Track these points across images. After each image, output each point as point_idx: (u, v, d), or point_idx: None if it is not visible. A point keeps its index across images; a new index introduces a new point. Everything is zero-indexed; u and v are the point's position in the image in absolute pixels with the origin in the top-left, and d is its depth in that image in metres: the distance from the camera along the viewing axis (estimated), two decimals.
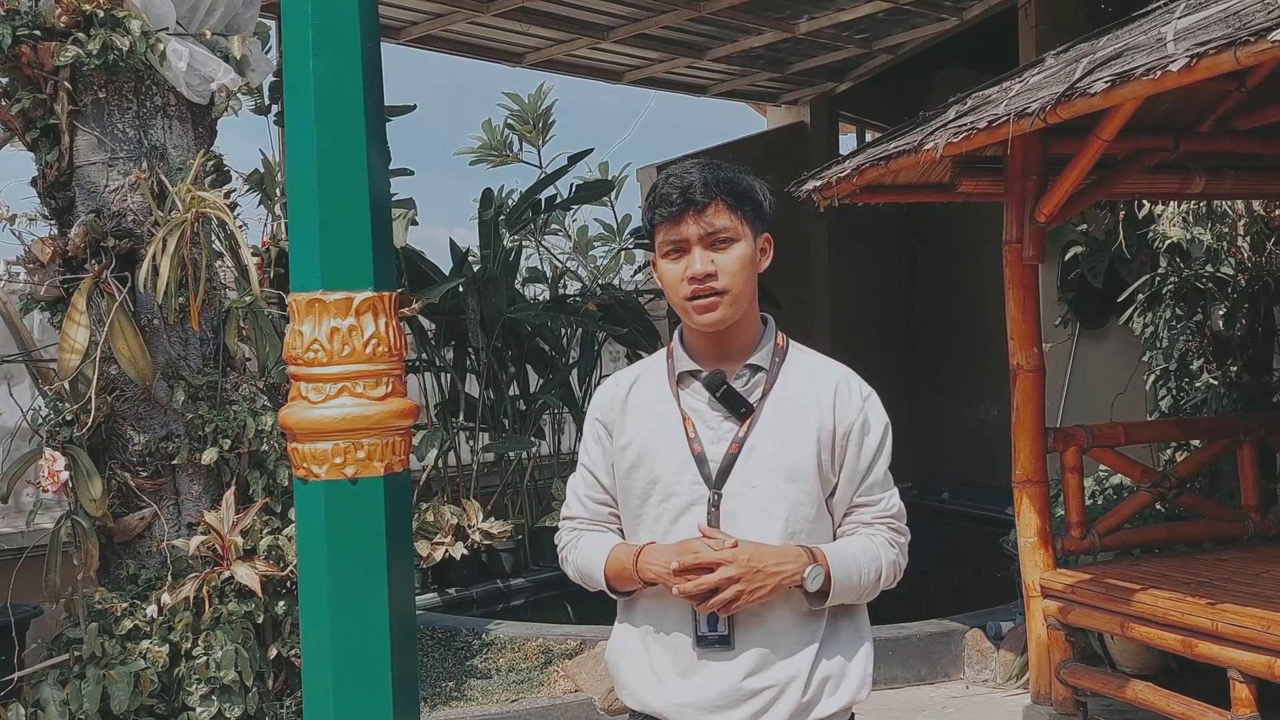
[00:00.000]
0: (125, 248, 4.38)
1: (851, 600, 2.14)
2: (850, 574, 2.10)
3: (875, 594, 2.18)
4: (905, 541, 2.22)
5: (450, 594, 7.03)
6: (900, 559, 2.20)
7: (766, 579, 2.02)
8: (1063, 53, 4.55)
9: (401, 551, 2.59)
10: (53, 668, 4.28)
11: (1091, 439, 5.00)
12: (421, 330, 7.65)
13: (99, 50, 4.25)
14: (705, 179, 2.10)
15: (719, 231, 2.10)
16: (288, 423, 2.53)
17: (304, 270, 2.52)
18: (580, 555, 2.25)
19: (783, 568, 2.03)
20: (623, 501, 2.23)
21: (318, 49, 2.48)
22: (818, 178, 5.08)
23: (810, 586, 2.05)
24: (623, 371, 2.33)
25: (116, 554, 4.48)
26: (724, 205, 2.10)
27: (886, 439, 2.19)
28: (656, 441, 2.17)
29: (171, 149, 4.55)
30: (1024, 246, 4.81)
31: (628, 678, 2.21)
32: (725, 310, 2.11)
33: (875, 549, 2.15)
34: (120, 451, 4.45)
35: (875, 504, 2.19)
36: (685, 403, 2.17)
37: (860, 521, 2.19)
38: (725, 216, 2.11)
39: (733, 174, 2.14)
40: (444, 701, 5.08)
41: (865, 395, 2.18)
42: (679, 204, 2.09)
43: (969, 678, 5.67)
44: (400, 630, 2.53)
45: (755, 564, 2.02)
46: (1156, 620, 4.25)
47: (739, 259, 2.11)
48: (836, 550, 2.12)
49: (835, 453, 2.14)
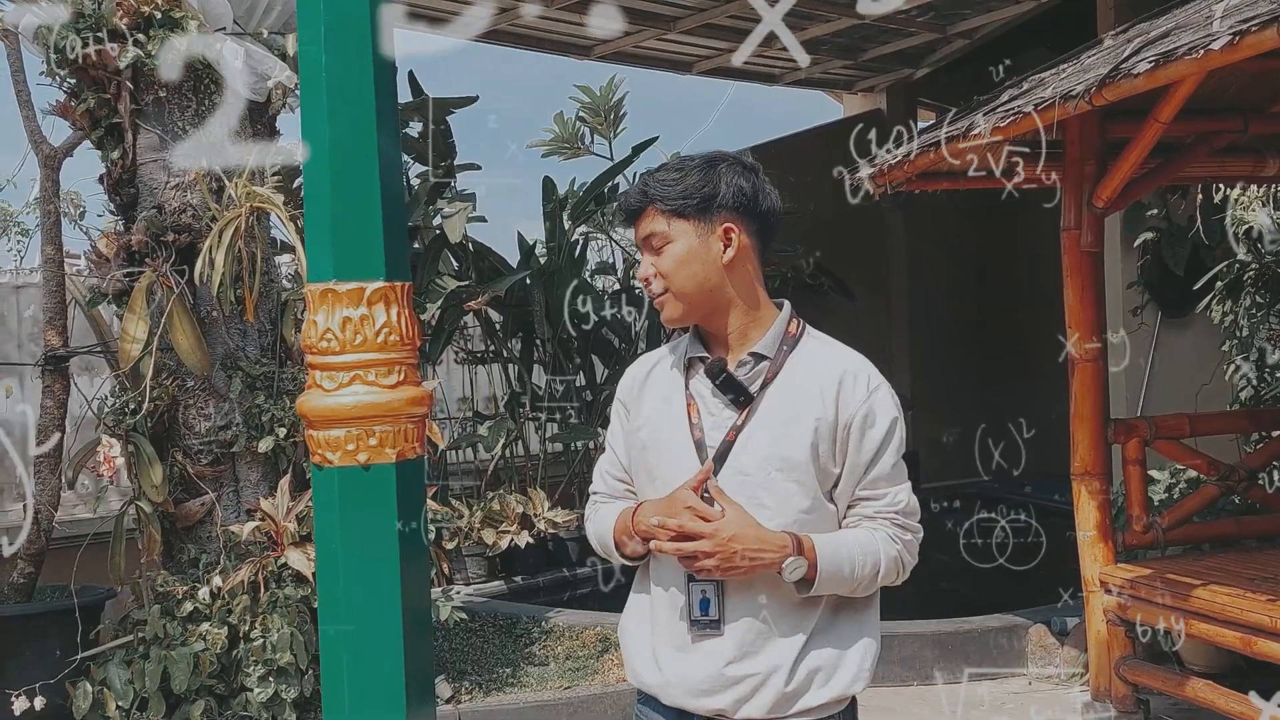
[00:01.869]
0: (184, 242, 4.51)
1: (844, 593, 2.11)
2: (840, 566, 2.07)
3: (873, 588, 2.15)
4: (912, 539, 2.17)
5: (517, 582, 7.10)
6: (905, 556, 2.16)
7: (740, 560, 2.02)
8: (1122, 33, 4.44)
9: (414, 538, 2.64)
10: (119, 648, 4.44)
11: (1155, 431, 4.87)
12: (490, 322, 7.73)
13: (158, 51, 4.38)
14: (641, 187, 2.20)
15: (651, 237, 2.18)
16: (304, 410, 2.58)
17: (318, 261, 2.56)
18: (597, 524, 2.32)
19: (761, 555, 2.03)
20: (635, 480, 2.27)
21: (329, 43, 2.52)
22: (871, 165, 5.03)
23: (788, 577, 2.04)
24: (649, 354, 2.35)
25: (178, 539, 4.63)
26: (656, 211, 2.17)
27: (894, 433, 2.14)
28: (664, 425, 2.19)
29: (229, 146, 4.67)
30: (1082, 233, 4.71)
31: (630, 655, 2.26)
32: (672, 308, 2.17)
33: (874, 543, 2.12)
34: (181, 439, 4.58)
35: (880, 498, 2.15)
36: (693, 388, 2.19)
37: (863, 515, 2.16)
38: (658, 221, 2.17)
39: (675, 176, 2.17)
40: (499, 687, 5.15)
41: (873, 387, 2.14)
42: (624, 214, 2.24)
43: (1032, 673, 5.57)
44: (413, 618, 2.57)
45: (734, 545, 2.02)
46: (1216, 617, 4.13)
47: (673, 259, 2.16)
48: (829, 542, 2.09)
49: (836, 445, 2.11)
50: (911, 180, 5.02)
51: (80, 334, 5.71)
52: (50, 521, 5.00)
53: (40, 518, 4.88)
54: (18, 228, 14.50)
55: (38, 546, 5.13)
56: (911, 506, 2.18)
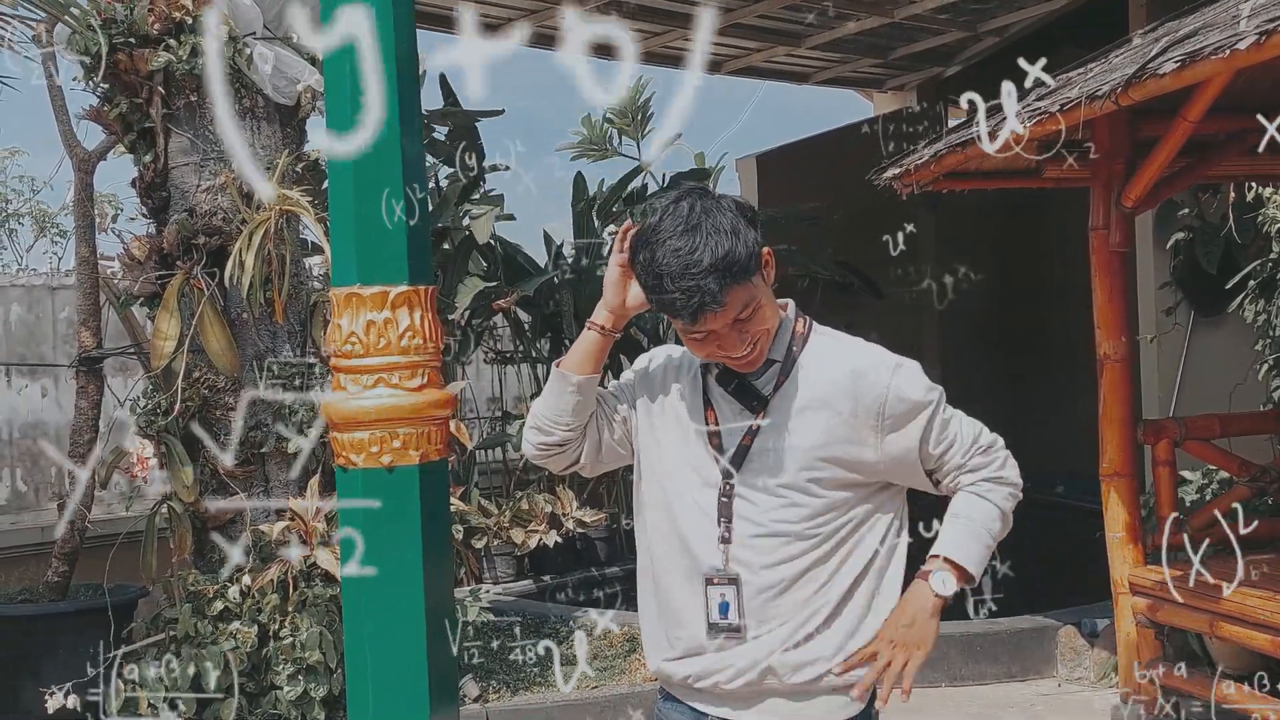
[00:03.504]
0: (215, 245, 4.56)
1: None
2: (979, 549, 2.14)
3: (1009, 527, 2.20)
4: (1001, 458, 2.19)
5: (545, 581, 7.14)
6: (1009, 484, 2.19)
7: (912, 640, 2.12)
8: (1150, 31, 4.41)
9: (438, 540, 2.66)
10: (151, 646, 4.50)
11: (1185, 431, 4.83)
12: (518, 322, 7.77)
13: (189, 55, 4.43)
14: (714, 276, 1.98)
15: (743, 311, 2.04)
16: (328, 412, 2.61)
17: (342, 265, 2.60)
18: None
19: (918, 619, 2.12)
20: (639, 453, 2.25)
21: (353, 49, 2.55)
22: (897, 165, 5.01)
23: (946, 592, 2.11)
24: (674, 349, 2.32)
25: (209, 538, 4.68)
26: (737, 287, 2.02)
27: (930, 399, 2.11)
28: (680, 424, 2.19)
29: (259, 149, 4.72)
30: (1110, 232, 4.67)
31: (646, 643, 2.30)
32: (764, 353, 2.12)
33: (984, 503, 2.16)
34: (212, 440, 4.63)
35: (955, 456, 2.16)
36: (711, 391, 2.19)
37: (956, 475, 2.17)
38: (742, 294, 2.03)
39: (729, 244, 2.01)
40: (526, 686, 5.18)
41: (893, 370, 2.11)
42: (696, 312, 2.01)
43: (1062, 675, 5.54)
44: (436, 620, 2.59)
45: (894, 636, 2.11)
46: (1246, 619, 4.10)
47: (763, 314, 2.07)
48: (957, 538, 2.14)
49: (866, 432, 2.09)
50: (939, 180, 5.01)
51: (114, 335, 5.80)
52: (84, 521, 5.08)
53: (75, 517, 4.96)
54: (55, 229, 14.70)
55: (72, 545, 5.21)
56: (981, 432, 2.19)
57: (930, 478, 2.17)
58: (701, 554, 2.12)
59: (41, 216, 14.73)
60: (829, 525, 2.09)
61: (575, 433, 2.22)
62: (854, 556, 2.11)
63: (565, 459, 2.26)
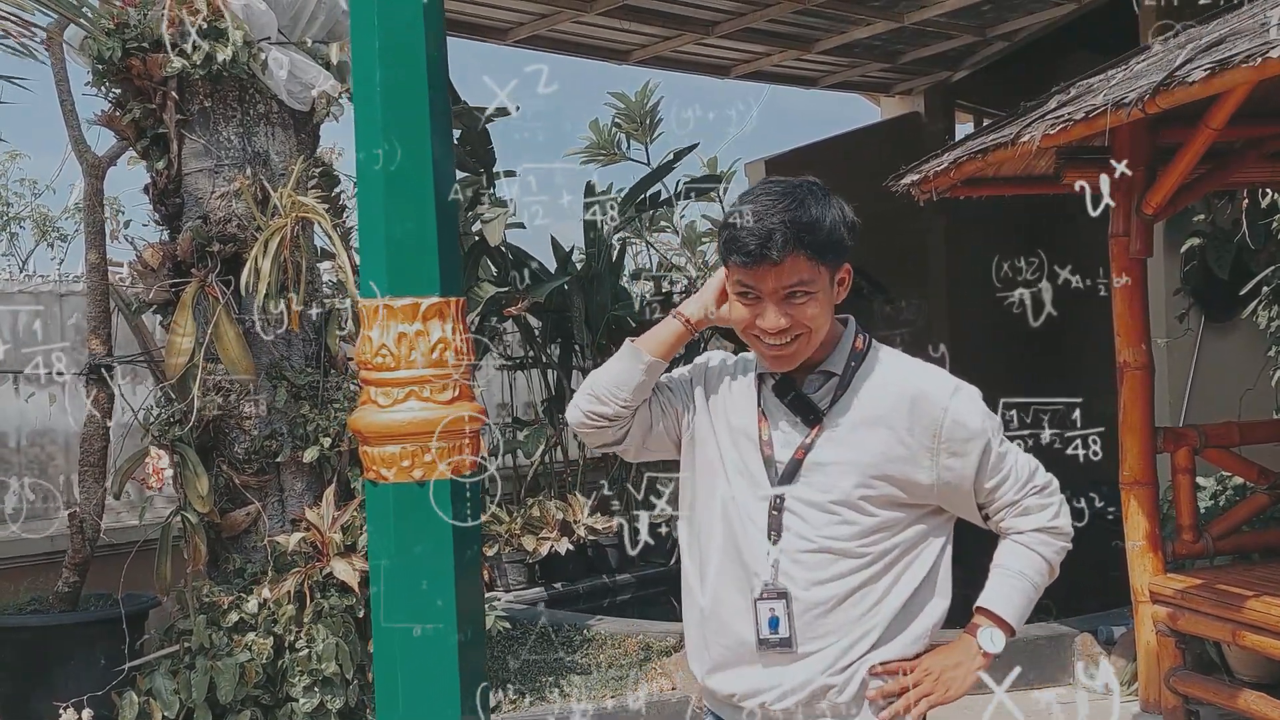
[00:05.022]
0: (230, 252, 4.53)
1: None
2: (1023, 603, 2.14)
3: (1055, 576, 2.19)
4: (1057, 503, 2.16)
5: (557, 588, 7.10)
6: (1061, 533, 2.16)
7: (947, 679, 2.12)
8: (1170, 38, 4.38)
9: (469, 554, 2.63)
10: (164, 658, 4.45)
11: (1204, 439, 4.81)
12: (528, 328, 7.74)
13: (203, 60, 4.40)
14: (785, 229, 1.95)
15: (797, 285, 2.00)
16: (358, 426, 2.58)
17: (372, 276, 2.57)
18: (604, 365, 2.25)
19: (960, 666, 2.13)
20: (694, 450, 2.22)
21: (384, 59, 2.52)
22: (916, 171, 4.99)
23: (994, 649, 2.12)
24: (738, 357, 2.29)
25: (224, 548, 4.64)
26: (803, 257, 1.98)
27: (987, 427, 2.09)
28: (732, 430, 2.16)
29: (274, 155, 4.69)
30: (1131, 240, 4.65)
31: (690, 650, 2.26)
32: (800, 355, 2.08)
33: (1032, 555, 2.14)
34: (227, 449, 4.60)
35: (1011, 489, 2.13)
36: (764, 403, 2.16)
37: (1009, 508, 2.14)
38: (804, 269, 1.99)
39: (817, 214, 1.99)
40: (542, 696, 5.14)
41: (951, 393, 2.08)
42: (755, 254, 1.97)
43: (1078, 683, 5.50)
44: (468, 633, 2.56)
45: (930, 672, 2.11)
46: (1269, 628, 4.07)
47: (817, 309, 2.03)
48: (1004, 593, 2.14)
49: (921, 457, 2.06)
50: (956, 186, 4.98)
51: (123, 343, 5.75)
52: (96, 530, 5.03)
53: (85, 526, 4.91)
54: (56, 233, 14.64)
55: (82, 555, 5.16)
56: (1038, 478, 2.16)
57: (980, 511, 2.15)
58: (752, 565, 2.09)
59: (43, 220, 14.68)
60: (879, 545, 2.06)
61: (628, 411, 2.18)
62: (904, 580, 2.09)
63: (608, 435, 2.22)
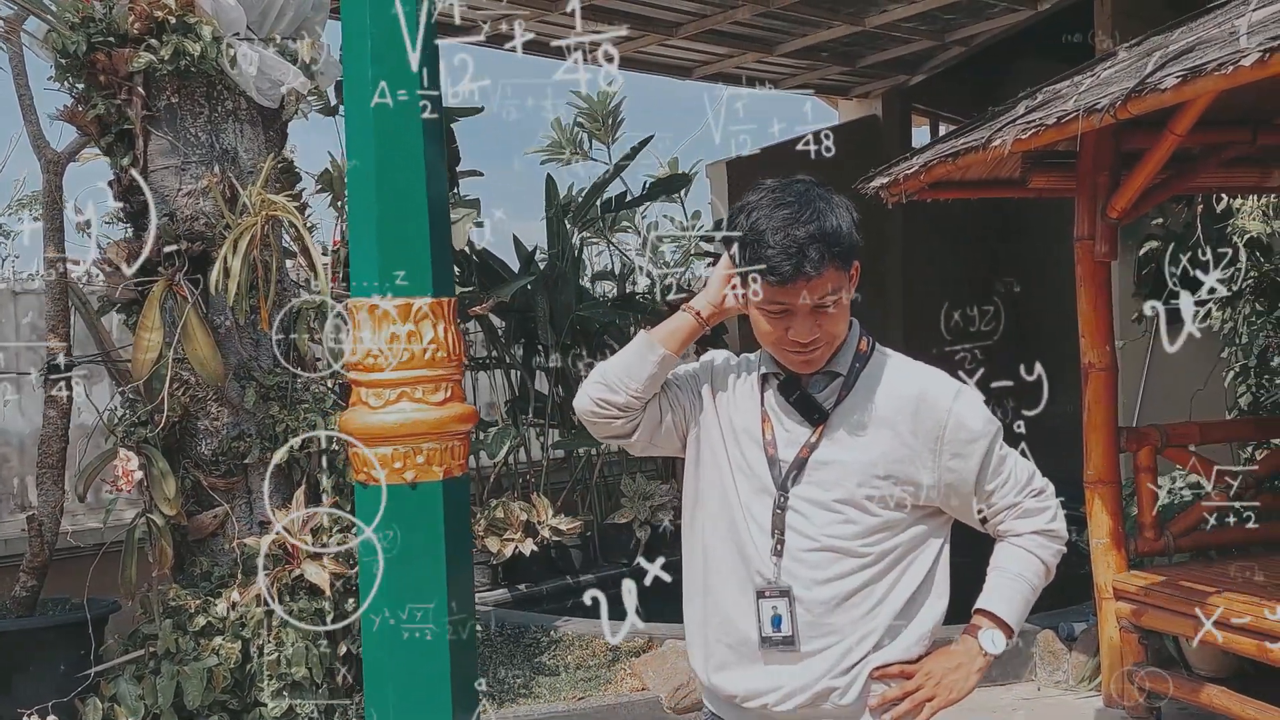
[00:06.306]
0: (198, 250, 4.47)
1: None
2: (1022, 604, 2.18)
3: (1051, 577, 2.23)
4: (1053, 507, 2.19)
5: (520, 590, 7.07)
6: (1057, 537, 2.20)
7: (950, 683, 2.13)
8: (1135, 45, 4.45)
9: (461, 554, 2.62)
10: (129, 663, 4.38)
11: (1165, 438, 4.89)
12: (492, 328, 7.70)
13: (171, 56, 4.34)
14: (817, 245, 1.97)
15: (828, 295, 2.02)
16: (348, 427, 2.56)
17: (363, 276, 2.55)
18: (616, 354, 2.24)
19: (961, 669, 2.13)
20: (700, 446, 2.22)
21: (376, 58, 2.51)
22: (885, 174, 5.02)
23: (995, 650, 2.14)
24: (740, 357, 2.30)
25: (190, 551, 4.58)
26: (833, 268, 2.01)
27: (989, 430, 2.12)
28: (735, 430, 2.18)
29: (243, 152, 4.63)
30: (1096, 243, 4.71)
31: (691, 648, 2.27)
32: (825, 355, 2.10)
33: (1029, 557, 2.17)
34: (194, 451, 4.54)
35: (1010, 492, 2.16)
36: (767, 403, 2.17)
37: (1008, 510, 2.18)
38: (835, 278, 2.03)
39: (837, 221, 2.02)
40: (512, 698, 5.12)
41: (954, 395, 2.11)
42: (790, 274, 1.99)
43: (1041, 679, 5.58)
44: (460, 634, 2.55)
45: (934, 674, 2.13)
46: (1232, 624, 4.15)
47: (842, 313, 2.06)
48: (1004, 593, 2.17)
49: (924, 457, 2.09)
50: (924, 189, 5.02)
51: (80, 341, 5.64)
52: (54, 534, 4.93)
53: (44, 530, 4.82)
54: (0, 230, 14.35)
55: (41, 559, 5.06)
56: (1035, 482, 2.19)
57: (979, 514, 2.17)
58: (754, 563, 2.10)
59: None
60: (881, 545, 2.08)
61: (639, 402, 2.17)
62: (905, 580, 2.11)
63: (617, 427, 2.20)
